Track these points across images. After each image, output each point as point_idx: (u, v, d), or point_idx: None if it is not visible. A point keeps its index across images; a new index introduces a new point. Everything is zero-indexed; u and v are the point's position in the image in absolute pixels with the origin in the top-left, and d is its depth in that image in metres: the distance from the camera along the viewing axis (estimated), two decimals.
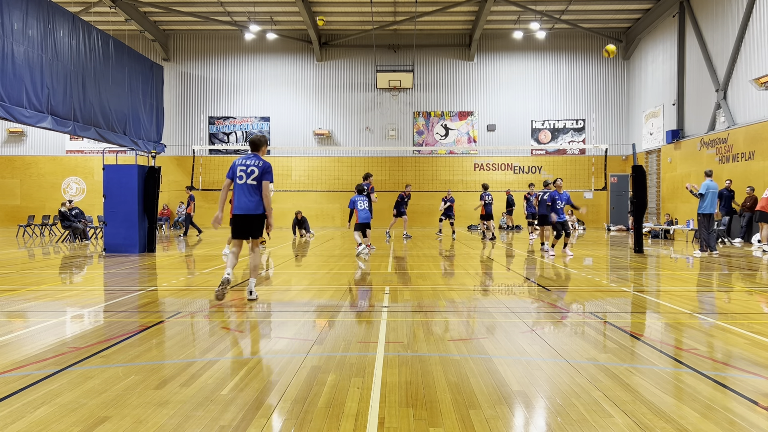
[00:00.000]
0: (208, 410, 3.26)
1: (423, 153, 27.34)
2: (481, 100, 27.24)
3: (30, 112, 16.13)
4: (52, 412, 3.22)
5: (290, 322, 5.92)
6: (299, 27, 26.25)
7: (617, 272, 10.12)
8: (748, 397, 3.48)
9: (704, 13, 20.39)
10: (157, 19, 26.03)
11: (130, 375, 3.90)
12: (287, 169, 26.57)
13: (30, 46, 16.15)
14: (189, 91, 27.55)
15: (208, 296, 7.34)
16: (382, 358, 4.31)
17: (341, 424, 3.06)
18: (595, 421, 3.10)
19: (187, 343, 4.85)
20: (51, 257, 13.20)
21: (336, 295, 7.49)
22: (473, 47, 26.55)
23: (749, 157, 17.42)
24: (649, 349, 4.66)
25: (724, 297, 7.45)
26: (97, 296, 7.45)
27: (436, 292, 7.74)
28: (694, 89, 21.02)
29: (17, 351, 4.56)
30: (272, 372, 3.99)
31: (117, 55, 21.51)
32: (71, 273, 10.22)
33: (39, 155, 27.37)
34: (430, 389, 3.62)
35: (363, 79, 27.31)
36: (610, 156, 23.14)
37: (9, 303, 6.82)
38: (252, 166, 6.70)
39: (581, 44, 26.95)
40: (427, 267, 10.65)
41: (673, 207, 21.99)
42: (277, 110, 27.31)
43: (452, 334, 5.19)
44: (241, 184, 6.71)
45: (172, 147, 26.61)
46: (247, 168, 6.71)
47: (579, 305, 6.79)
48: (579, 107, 27.09)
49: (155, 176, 13.74)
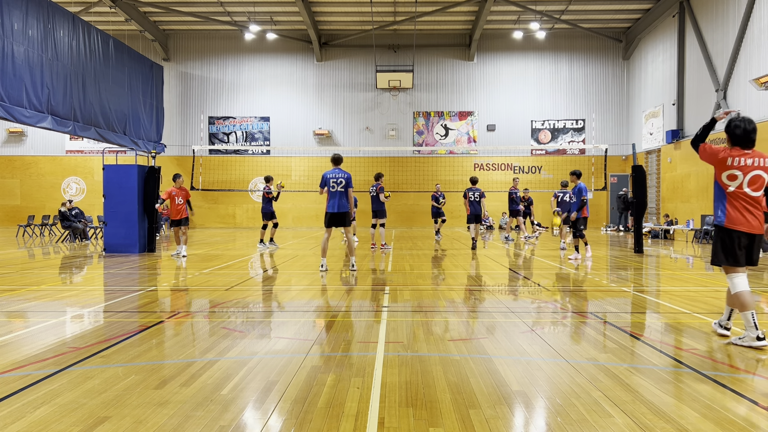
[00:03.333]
0: (208, 410, 3.26)
1: (423, 153, 27.34)
2: (481, 100, 27.24)
3: (30, 112, 16.12)
4: (52, 412, 3.22)
5: (290, 322, 5.92)
6: (299, 27, 26.24)
7: (617, 272, 10.12)
8: (748, 397, 3.48)
9: (704, 13, 20.39)
10: (157, 19, 26.02)
11: (130, 375, 3.90)
12: (287, 169, 26.56)
13: (30, 46, 16.15)
14: (189, 91, 27.55)
15: (208, 296, 7.34)
16: (382, 358, 4.31)
17: (341, 424, 3.06)
18: (595, 421, 3.10)
19: (187, 343, 4.85)
20: (51, 257, 13.20)
21: (336, 295, 7.49)
22: (473, 47, 26.54)
23: None
24: (649, 349, 4.66)
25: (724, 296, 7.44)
26: (97, 296, 7.45)
27: (436, 292, 7.74)
28: (694, 89, 21.01)
29: (17, 351, 4.56)
30: (272, 372, 3.99)
31: (117, 55, 21.50)
32: (71, 273, 10.22)
33: (39, 155, 27.36)
34: (430, 389, 3.62)
35: (363, 79, 27.31)
36: (610, 156, 23.12)
37: (9, 303, 6.82)
38: (340, 177, 9.44)
39: (581, 44, 26.95)
40: (427, 267, 10.66)
41: (673, 207, 21.98)
42: (277, 110, 27.31)
43: (452, 334, 5.19)
44: (334, 191, 9.44)
45: (172, 147, 26.60)
46: (337, 179, 9.43)
47: (579, 305, 6.79)
48: (579, 107, 27.09)
49: (155, 176, 13.74)
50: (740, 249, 4.67)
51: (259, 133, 27.32)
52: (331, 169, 9.56)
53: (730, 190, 4.70)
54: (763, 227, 4.71)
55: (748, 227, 4.64)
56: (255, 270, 10.55)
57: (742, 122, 4.70)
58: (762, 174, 4.64)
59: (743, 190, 4.66)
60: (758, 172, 4.63)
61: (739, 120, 4.73)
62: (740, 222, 4.65)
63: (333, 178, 9.44)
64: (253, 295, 7.45)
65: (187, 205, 12.67)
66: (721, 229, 4.77)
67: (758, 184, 4.65)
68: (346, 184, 9.46)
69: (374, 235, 14.48)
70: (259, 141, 27.15)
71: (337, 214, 9.47)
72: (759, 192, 4.66)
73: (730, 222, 4.69)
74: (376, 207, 14.30)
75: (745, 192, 4.66)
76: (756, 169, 4.63)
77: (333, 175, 9.46)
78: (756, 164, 4.64)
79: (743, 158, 4.65)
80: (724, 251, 4.72)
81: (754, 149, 4.72)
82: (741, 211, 4.66)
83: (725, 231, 4.72)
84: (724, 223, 4.72)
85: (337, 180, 9.43)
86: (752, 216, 4.66)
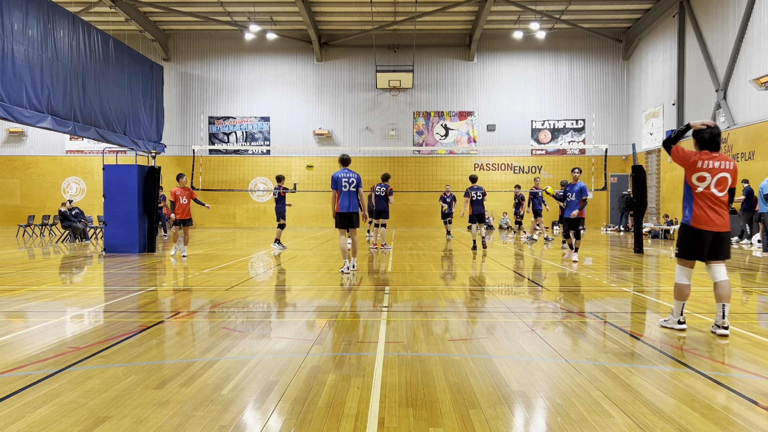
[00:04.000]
0: (208, 410, 3.26)
1: (423, 153, 27.33)
2: (481, 100, 27.24)
3: (30, 112, 16.12)
4: (52, 412, 3.22)
5: (290, 322, 5.93)
6: (299, 27, 26.24)
7: (617, 272, 10.12)
8: (748, 397, 3.48)
9: (704, 13, 20.39)
10: (157, 19, 26.03)
11: (130, 375, 3.90)
12: (287, 169, 26.55)
13: (30, 46, 16.14)
14: (189, 91, 27.55)
15: (208, 296, 7.34)
16: (382, 358, 4.31)
17: (341, 424, 3.06)
18: (595, 421, 3.10)
19: (187, 343, 4.86)
20: (51, 257, 13.20)
21: (336, 295, 7.49)
22: (473, 47, 26.54)
23: (749, 157, 17.42)
24: (649, 349, 4.66)
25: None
26: (97, 296, 7.45)
27: (436, 292, 7.74)
28: (694, 89, 21.01)
29: (17, 351, 4.56)
30: (272, 372, 3.99)
31: (117, 55, 21.50)
32: (71, 273, 10.22)
33: (39, 155, 27.36)
34: (430, 389, 3.62)
35: (363, 79, 27.31)
36: (610, 156, 23.12)
37: (9, 303, 6.82)
38: (351, 177, 9.47)
39: (581, 44, 26.95)
40: (427, 267, 10.65)
41: (673, 207, 21.98)
42: (277, 110, 27.31)
43: (452, 334, 5.19)
44: (346, 191, 9.43)
45: (172, 147, 26.59)
46: (349, 179, 9.44)
47: (579, 305, 6.79)
48: (579, 107, 27.09)
49: (155, 176, 13.74)
50: (704, 246, 5.03)
51: (259, 133, 27.32)
52: (341, 170, 9.53)
53: (699, 191, 5.05)
54: (728, 225, 5.06)
55: (714, 226, 5.00)
56: (255, 270, 10.55)
57: (709, 127, 5.09)
58: (727, 176, 5.04)
59: (711, 190, 5.03)
60: (724, 174, 5.03)
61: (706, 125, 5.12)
62: (705, 221, 5.01)
63: (345, 178, 9.42)
64: (253, 295, 7.45)
65: (196, 202, 12.82)
66: (687, 228, 5.12)
67: (723, 185, 5.04)
68: (357, 184, 9.48)
69: (375, 235, 14.48)
70: (259, 141, 27.15)
71: (349, 214, 9.47)
72: (723, 192, 5.05)
73: (696, 222, 5.04)
74: (380, 207, 14.27)
75: (712, 192, 5.03)
76: (722, 171, 5.03)
77: (344, 175, 9.44)
78: (722, 167, 5.03)
79: (711, 161, 5.03)
80: (688, 247, 5.12)
81: (720, 153, 5.13)
82: (707, 211, 5.02)
83: (691, 230, 5.08)
84: (690, 222, 5.08)
85: (349, 180, 9.43)
86: (717, 215, 5.02)
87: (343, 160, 9.67)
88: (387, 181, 14.27)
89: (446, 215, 18.88)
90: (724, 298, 5.01)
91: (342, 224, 9.55)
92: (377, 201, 14.29)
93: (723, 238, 5.03)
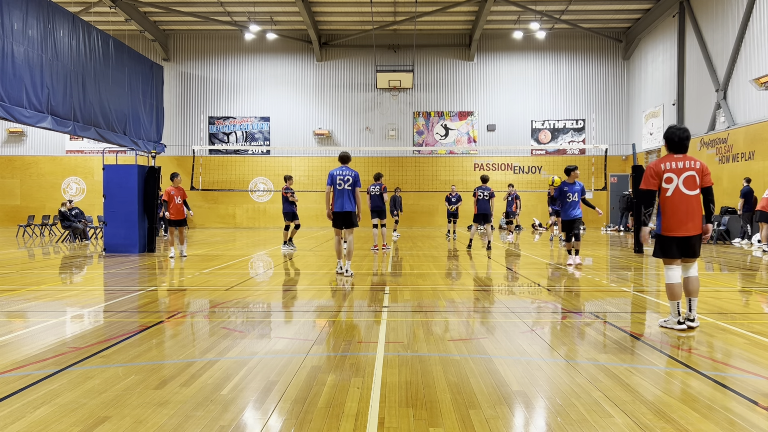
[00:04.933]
0: (208, 410, 3.26)
1: (423, 153, 27.33)
2: (481, 100, 27.23)
3: (30, 112, 16.11)
4: (52, 412, 3.22)
5: (290, 322, 5.93)
6: (299, 27, 26.24)
7: (617, 272, 10.12)
8: (748, 397, 3.48)
9: (704, 13, 20.39)
10: (157, 19, 26.02)
11: (130, 375, 3.90)
12: (287, 169, 26.53)
13: (30, 46, 16.14)
14: (189, 91, 27.55)
15: (208, 296, 7.34)
16: (382, 358, 4.31)
17: (341, 424, 3.06)
18: (595, 421, 3.10)
19: (187, 343, 4.86)
20: (51, 257, 13.20)
21: (336, 295, 7.49)
22: (473, 47, 26.54)
23: (749, 157, 17.42)
24: (649, 349, 4.66)
25: (724, 297, 7.44)
26: (97, 296, 7.45)
27: (436, 292, 7.74)
28: (694, 89, 21.01)
29: (17, 351, 4.56)
30: (272, 372, 3.99)
31: (117, 55, 21.50)
32: (71, 273, 10.22)
33: (39, 155, 27.35)
34: (430, 389, 3.62)
35: (363, 79, 27.31)
36: (610, 156, 23.10)
37: (9, 303, 6.82)
38: (348, 175, 9.07)
39: (581, 44, 26.94)
40: (427, 267, 10.65)
41: None
42: (277, 110, 27.31)
43: (452, 334, 5.19)
44: (340, 189, 9.05)
45: (172, 147, 26.58)
46: (344, 177, 9.06)
47: (579, 305, 6.79)
48: (579, 107, 27.09)
49: (155, 176, 13.74)
50: (677, 248, 5.27)
51: (259, 133, 27.32)
52: (339, 167, 9.24)
53: (669, 195, 5.23)
54: (699, 228, 5.24)
55: (684, 231, 5.21)
56: (255, 270, 10.55)
57: (678, 130, 5.31)
58: (694, 174, 5.21)
59: (680, 189, 5.21)
60: (690, 172, 5.21)
61: (676, 128, 5.33)
62: (675, 228, 5.23)
63: (340, 176, 9.09)
64: (253, 295, 7.45)
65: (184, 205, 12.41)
66: (659, 236, 5.39)
67: (692, 184, 5.21)
68: (353, 182, 9.10)
69: (376, 236, 14.46)
70: (259, 141, 27.15)
71: (342, 213, 9.09)
72: (694, 191, 5.21)
73: (666, 230, 5.28)
74: (376, 206, 14.20)
75: (681, 191, 5.21)
76: (688, 170, 5.22)
77: (340, 172, 9.12)
78: (688, 166, 5.23)
79: (676, 162, 5.25)
80: (663, 251, 5.35)
81: (686, 154, 5.31)
82: (677, 215, 5.20)
83: (662, 237, 5.35)
84: (661, 231, 5.33)
85: (344, 178, 9.08)
86: (688, 218, 5.19)
87: (343, 158, 9.41)
88: (380, 180, 14.26)
89: (452, 215, 18.89)
90: (692, 292, 5.28)
91: (336, 223, 9.24)
92: (372, 200, 14.22)
93: (693, 242, 5.25)
